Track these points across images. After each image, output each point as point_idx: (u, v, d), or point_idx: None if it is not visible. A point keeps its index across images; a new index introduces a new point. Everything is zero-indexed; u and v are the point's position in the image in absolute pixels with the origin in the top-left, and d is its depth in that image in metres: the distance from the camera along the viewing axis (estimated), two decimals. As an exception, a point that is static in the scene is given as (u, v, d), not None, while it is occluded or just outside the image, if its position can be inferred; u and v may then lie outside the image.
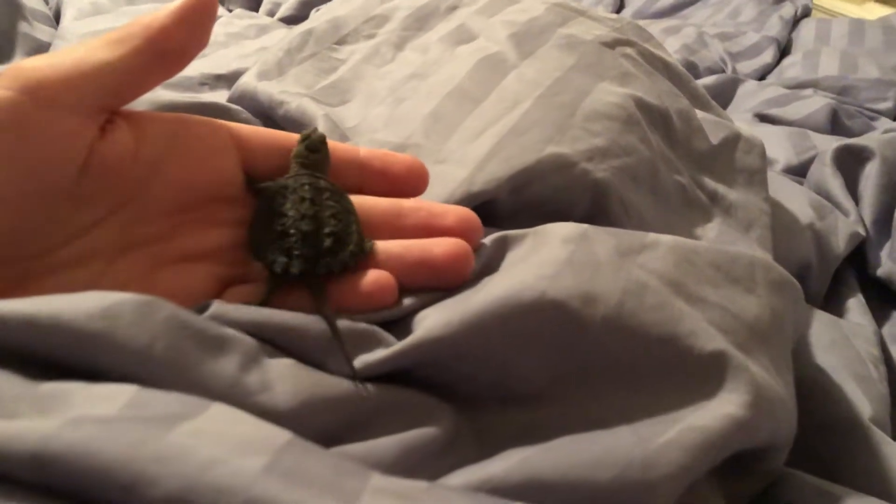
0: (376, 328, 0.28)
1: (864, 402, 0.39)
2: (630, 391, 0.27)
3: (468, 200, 0.35)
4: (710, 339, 0.27)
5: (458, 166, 0.37)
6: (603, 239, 0.31)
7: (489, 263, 0.31)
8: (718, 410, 0.26)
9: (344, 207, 0.30)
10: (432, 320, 0.27)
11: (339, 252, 0.29)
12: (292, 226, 0.29)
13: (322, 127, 0.44)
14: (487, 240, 0.32)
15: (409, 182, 0.33)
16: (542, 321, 0.27)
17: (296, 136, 0.32)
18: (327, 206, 0.30)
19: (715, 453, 0.25)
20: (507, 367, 0.27)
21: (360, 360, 0.26)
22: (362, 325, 0.27)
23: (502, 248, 0.32)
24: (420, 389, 0.27)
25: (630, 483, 0.24)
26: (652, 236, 0.32)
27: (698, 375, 0.27)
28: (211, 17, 0.28)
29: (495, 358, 0.27)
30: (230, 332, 0.24)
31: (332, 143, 0.32)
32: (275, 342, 0.26)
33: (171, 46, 0.27)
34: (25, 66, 0.25)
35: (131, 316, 0.22)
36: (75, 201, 0.26)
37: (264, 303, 0.28)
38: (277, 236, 0.29)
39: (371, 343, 0.27)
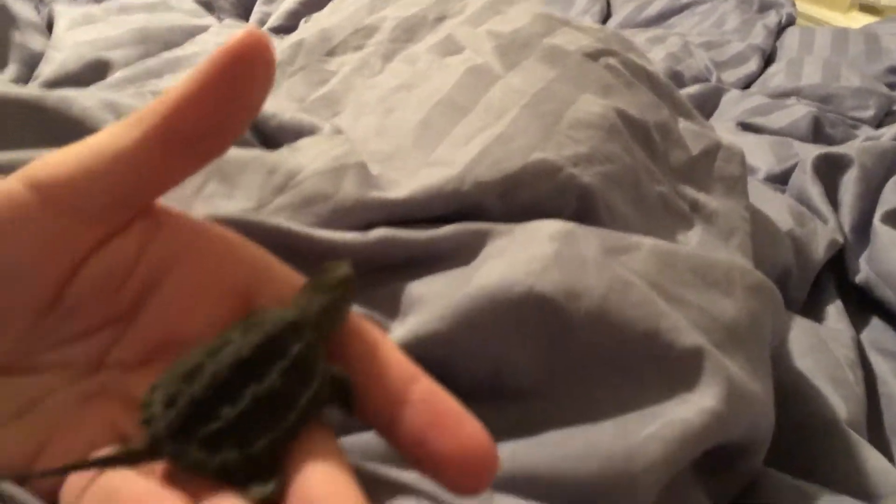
0: (373, 314, 0.29)
1: (840, 404, 0.40)
2: (614, 385, 0.28)
3: (457, 199, 0.36)
4: (690, 336, 0.29)
5: (447, 167, 0.38)
6: (588, 238, 0.32)
7: (470, 251, 0.32)
8: (698, 404, 0.27)
9: (289, 402, 0.20)
10: (424, 316, 0.28)
11: (212, 453, 0.19)
12: (189, 379, 0.20)
13: (327, 137, 0.43)
14: (470, 228, 0.33)
15: (455, 467, 0.20)
16: (529, 315, 0.28)
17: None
18: (263, 384, 0.20)
19: (694, 446, 0.26)
20: (499, 360, 0.28)
21: None
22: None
23: (482, 239, 0.33)
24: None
25: (612, 474, 0.25)
26: (635, 238, 0.33)
27: (679, 370, 0.28)
28: (253, 79, 0.21)
29: (488, 351, 0.28)
30: None
31: (386, 351, 0.22)
32: None
33: (191, 125, 0.21)
34: (46, 160, 0.22)
35: None
36: (60, 313, 0.22)
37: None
38: (178, 379, 0.20)
39: None
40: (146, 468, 0.19)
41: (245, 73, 0.21)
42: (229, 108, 0.21)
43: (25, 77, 0.67)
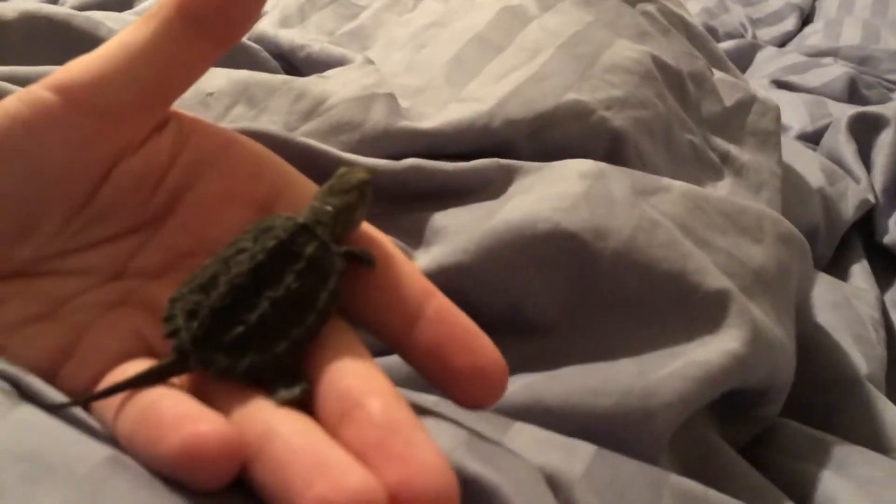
0: (397, 242, 0.29)
1: (861, 361, 0.40)
2: (636, 324, 0.28)
3: (487, 136, 0.36)
4: (716, 279, 0.28)
5: (478, 103, 0.38)
6: (619, 177, 0.32)
7: (498, 186, 0.32)
8: (720, 346, 0.27)
9: (307, 303, 0.20)
10: (448, 247, 0.28)
11: (238, 358, 0.19)
12: (206, 290, 0.20)
13: (358, 67, 0.43)
14: (499, 163, 0.34)
15: (468, 383, 0.20)
16: (555, 251, 0.28)
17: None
18: (279, 288, 0.20)
19: (714, 387, 0.26)
20: (521, 295, 0.28)
21: None
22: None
23: (511, 174, 0.33)
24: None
25: (629, 409, 0.25)
26: (665, 181, 0.33)
27: (703, 311, 0.28)
28: None
29: (510, 285, 0.28)
30: None
31: (401, 265, 0.22)
32: None
33: (205, 10, 0.22)
34: (68, 65, 0.22)
35: None
36: (89, 216, 0.23)
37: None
38: (196, 291, 0.20)
39: None
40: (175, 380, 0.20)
41: None
42: None
43: (51, 3, 0.67)
